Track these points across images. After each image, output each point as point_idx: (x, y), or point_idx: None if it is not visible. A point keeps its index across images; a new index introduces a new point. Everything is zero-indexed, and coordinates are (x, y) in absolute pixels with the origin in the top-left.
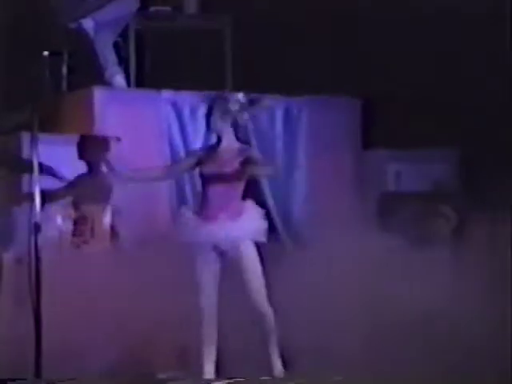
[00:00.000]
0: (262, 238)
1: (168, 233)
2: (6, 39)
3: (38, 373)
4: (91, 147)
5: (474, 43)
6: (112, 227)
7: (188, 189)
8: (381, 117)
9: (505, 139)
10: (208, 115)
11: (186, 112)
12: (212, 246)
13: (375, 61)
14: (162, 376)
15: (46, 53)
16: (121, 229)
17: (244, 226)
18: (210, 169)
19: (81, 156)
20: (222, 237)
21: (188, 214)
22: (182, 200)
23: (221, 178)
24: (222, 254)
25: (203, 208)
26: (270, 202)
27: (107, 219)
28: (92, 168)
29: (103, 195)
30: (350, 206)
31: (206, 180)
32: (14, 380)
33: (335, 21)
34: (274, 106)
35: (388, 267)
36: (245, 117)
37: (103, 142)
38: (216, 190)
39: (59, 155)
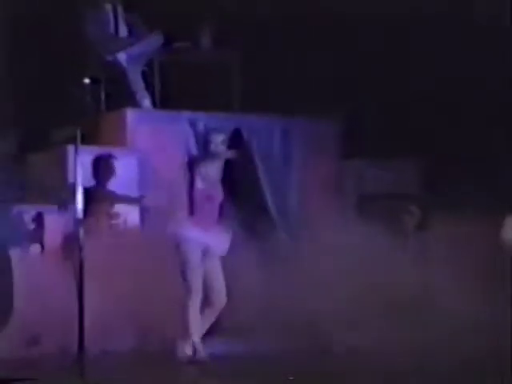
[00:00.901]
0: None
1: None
2: (54, 68)
3: (81, 344)
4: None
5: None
6: (138, 222)
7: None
8: (357, 133)
9: (461, 150)
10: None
11: (201, 129)
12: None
13: (351, 92)
14: (182, 355)
15: (87, 80)
16: (145, 224)
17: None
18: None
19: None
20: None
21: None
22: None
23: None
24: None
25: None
26: (269, 200)
27: (136, 216)
28: None
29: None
30: (335, 205)
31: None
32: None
33: (316, 56)
34: (273, 125)
35: (364, 253)
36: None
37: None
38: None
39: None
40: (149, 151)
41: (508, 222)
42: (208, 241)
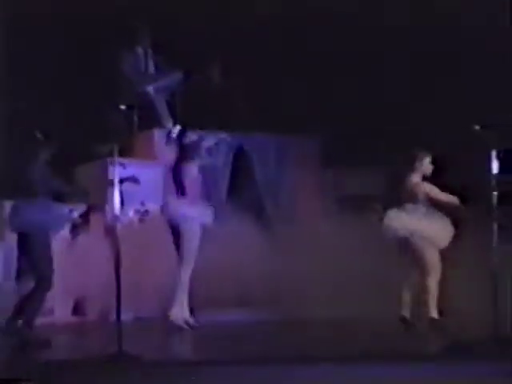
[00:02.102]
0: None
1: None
2: (98, 97)
3: (118, 311)
4: None
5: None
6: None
7: None
8: (336, 147)
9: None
10: None
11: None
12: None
13: (332, 114)
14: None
15: (123, 106)
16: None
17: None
18: None
19: None
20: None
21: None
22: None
23: None
24: None
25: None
26: (264, 197)
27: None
28: None
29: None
30: (317, 202)
31: None
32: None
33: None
34: (268, 140)
35: (339, 239)
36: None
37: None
38: None
39: (131, 173)
40: (171, 163)
41: (389, 212)
42: (202, 216)
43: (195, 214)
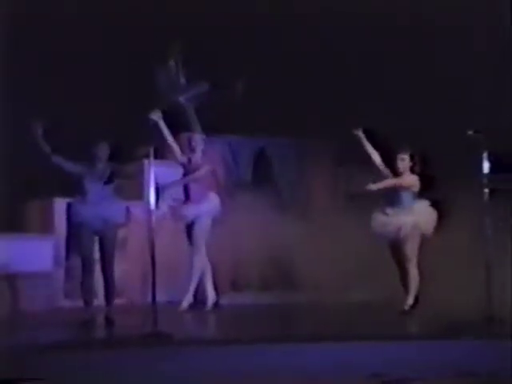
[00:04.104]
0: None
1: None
2: (137, 105)
3: (153, 294)
4: None
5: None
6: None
7: None
8: (348, 150)
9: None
10: None
11: (237, 148)
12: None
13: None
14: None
15: (158, 114)
16: None
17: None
18: None
19: None
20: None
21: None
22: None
23: None
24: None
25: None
26: (282, 193)
27: None
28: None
29: None
30: (329, 197)
31: None
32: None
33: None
34: (287, 144)
35: (349, 229)
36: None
37: None
38: None
39: (165, 172)
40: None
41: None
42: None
43: (204, 209)
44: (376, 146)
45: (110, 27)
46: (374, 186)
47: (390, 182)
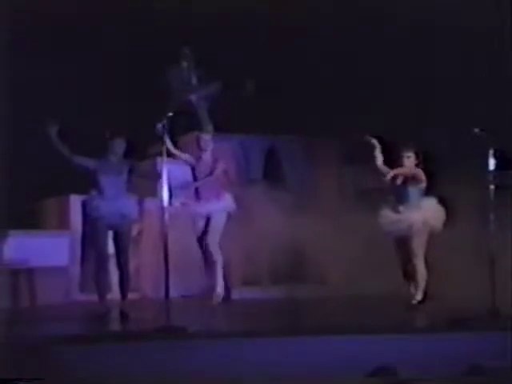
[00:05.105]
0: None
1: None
2: (149, 105)
3: (167, 289)
4: None
5: None
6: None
7: None
8: (352, 148)
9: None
10: None
11: (248, 146)
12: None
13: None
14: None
15: (170, 113)
16: None
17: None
18: None
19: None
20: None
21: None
22: None
23: None
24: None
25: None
26: (288, 176)
27: None
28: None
29: None
30: (337, 194)
31: None
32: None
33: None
34: (294, 143)
35: (357, 225)
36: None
37: None
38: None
39: (176, 169)
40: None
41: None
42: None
43: (218, 207)
44: (382, 146)
45: (124, 27)
46: (391, 173)
47: (403, 169)
